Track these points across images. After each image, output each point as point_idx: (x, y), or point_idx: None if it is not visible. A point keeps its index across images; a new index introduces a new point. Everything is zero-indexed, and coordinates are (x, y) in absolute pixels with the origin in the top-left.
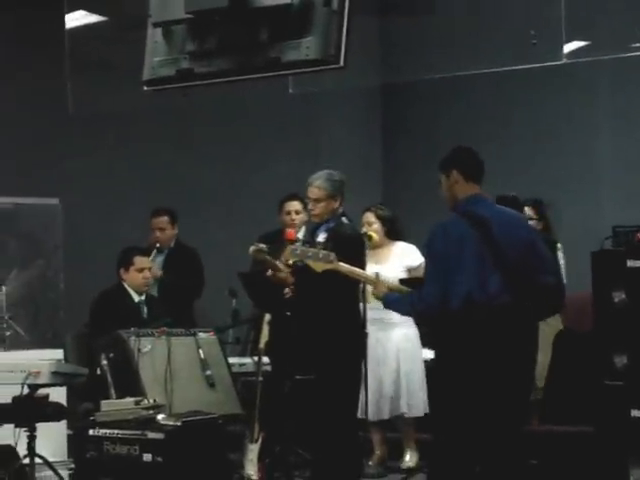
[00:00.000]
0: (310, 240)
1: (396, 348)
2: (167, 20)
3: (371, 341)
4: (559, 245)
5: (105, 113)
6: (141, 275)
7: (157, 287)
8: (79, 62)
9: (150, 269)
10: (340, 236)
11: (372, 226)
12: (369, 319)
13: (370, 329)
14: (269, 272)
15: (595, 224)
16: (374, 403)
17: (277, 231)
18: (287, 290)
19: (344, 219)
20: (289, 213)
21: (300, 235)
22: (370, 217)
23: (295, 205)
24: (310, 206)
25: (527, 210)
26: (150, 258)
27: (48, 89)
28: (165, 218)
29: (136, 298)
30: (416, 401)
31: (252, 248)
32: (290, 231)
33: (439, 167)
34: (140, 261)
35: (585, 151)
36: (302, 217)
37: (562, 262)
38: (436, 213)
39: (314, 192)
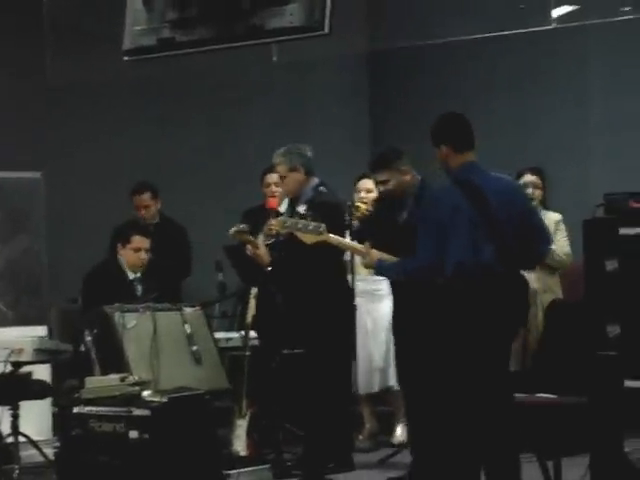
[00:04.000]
0: (290, 213)
1: (386, 320)
2: None
3: (360, 313)
4: (560, 217)
5: (84, 84)
6: (136, 255)
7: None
8: (58, 32)
9: (147, 250)
10: (319, 205)
11: (370, 194)
12: (358, 291)
13: (359, 301)
14: (249, 250)
15: (586, 192)
16: (364, 376)
17: (261, 205)
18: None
19: (322, 188)
20: (269, 185)
21: (282, 208)
22: (369, 184)
23: (274, 177)
24: (279, 184)
25: (530, 177)
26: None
27: (26, 60)
28: (147, 195)
29: (131, 275)
30: None
31: (232, 230)
32: (272, 200)
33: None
34: (138, 240)
35: (575, 118)
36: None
37: (565, 234)
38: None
39: (277, 170)
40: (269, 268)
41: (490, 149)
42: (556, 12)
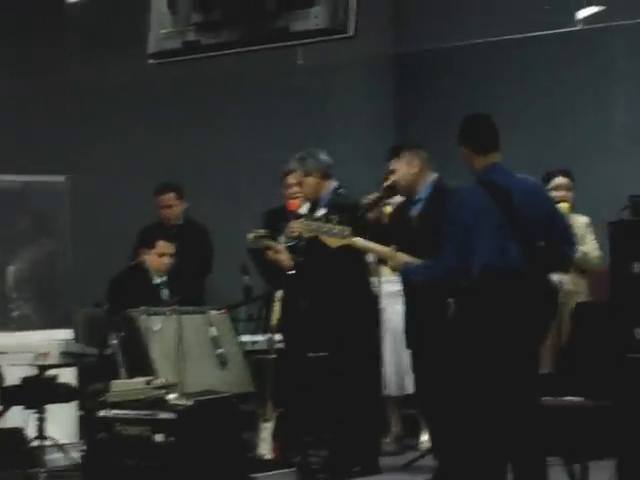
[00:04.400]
0: (311, 216)
1: None
2: None
3: (388, 315)
4: (589, 219)
5: (108, 87)
6: (161, 260)
7: None
8: (84, 35)
9: (171, 255)
10: (339, 207)
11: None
12: (388, 292)
13: (389, 302)
14: (270, 255)
15: (612, 194)
16: (393, 378)
17: (282, 206)
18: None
19: (341, 191)
20: (290, 186)
21: (303, 210)
22: None
23: (296, 177)
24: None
25: (561, 179)
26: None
27: (51, 63)
28: (171, 195)
29: (156, 279)
30: None
31: (251, 235)
32: (292, 202)
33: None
34: (163, 246)
35: (601, 120)
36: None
37: (594, 236)
38: (451, 184)
39: (293, 177)
40: (291, 272)
41: (516, 151)
42: (582, 13)
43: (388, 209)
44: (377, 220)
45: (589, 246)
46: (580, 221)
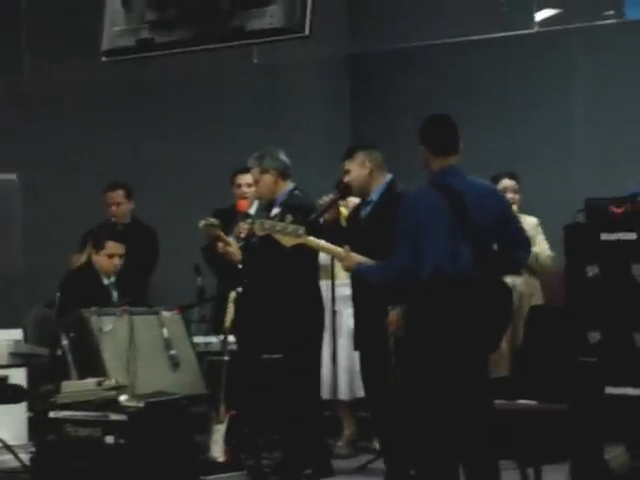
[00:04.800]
0: (260, 215)
1: None
2: None
3: (342, 318)
4: (538, 220)
5: (61, 84)
6: (110, 261)
7: None
8: (34, 32)
9: (120, 256)
10: (293, 207)
11: (250, 188)
12: (342, 296)
13: (342, 306)
14: (220, 246)
15: (567, 197)
16: (347, 382)
17: (231, 206)
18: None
19: (297, 192)
20: (240, 186)
21: (252, 211)
22: (248, 178)
23: (246, 178)
24: (253, 186)
25: (508, 182)
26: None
27: (2, 60)
28: (120, 192)
29: (105, 280)
30: None
31: (202, 222)
32: (242, 202)
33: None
34: (112, 247)
35: (558, 122)
36: (253, 193)
37: (544, 237)
38: (405, 185)
39: (251, 173)
40: (240, 266)
41: (471, 153)
42: (539, 15)
43: (344, 211)
44: (333, 221)
45: (540, 246)
46: (529, 222)
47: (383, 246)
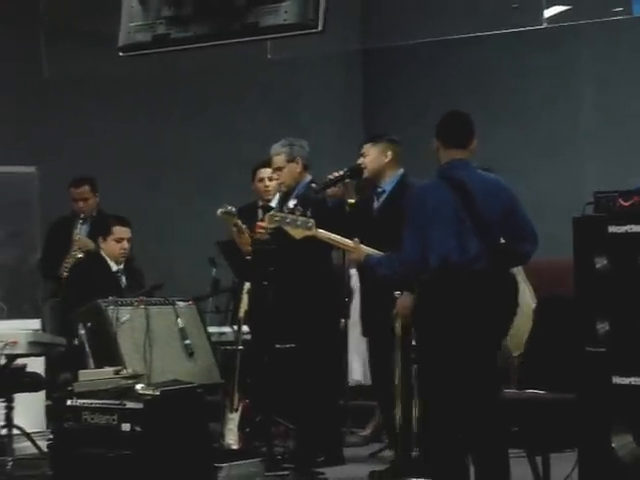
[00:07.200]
0: (281, 208)
1: None
2: None
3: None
4: None
5: (80, 79)
6: (119, 245)
7: None
8: (54, 26)
9: (128, 240)
10: (309, 201)
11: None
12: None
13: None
14: (234, 234)
15: (576, 190)
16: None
17: (253, 203)
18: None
19: (314, 185)
20: (262, 180)
21: (273, 203)
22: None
23: (268, 172)
24: (275, 176)
25: None
26: (76, 230)
27: (22, 55)
28: (86, 187)
29: (114, 267)
30: None
31: (220, 210)
32: (260, 224)
33: None
34: (119, 231)
35: (567, 117)
36: (275, 184)
37: None
38: (416, 180)
39: (275, 161)
40: (248, 257)
41: (483, 146)
42: (548, 12)
43: (351, 201)
44: (336, 197)
45: None
46: None
47: (394, 237)
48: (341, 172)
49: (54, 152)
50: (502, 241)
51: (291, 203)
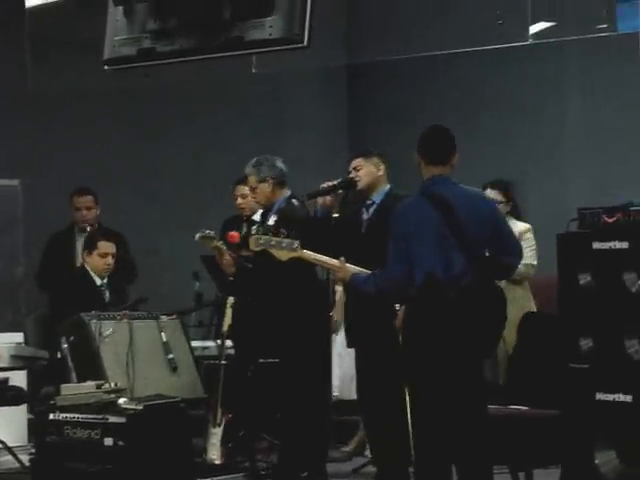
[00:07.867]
0: (261, 225)
1: None
2: None
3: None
4: (527, 227)
5: (65, 93)
6: (103, 260)
7: None
8: (39, 40)
9: (112, 255)
10: (287, 217)
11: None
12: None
13: None
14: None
15: (560, 206)
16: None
17: (239, 216)
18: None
19: (294, 201)
20: (236, 198)
21: (257, 217)
22: (245, 190)
23: (242, 189)
24: (250, 194)
25: (489, 192)
26: (78, 242)
27: (7, 66)
28: (90, 197)
29: (98, 281)
30: None
31: (198, 235)
32: (232, 234)
33: None
34: (104, 246)
35: (551, 133)
36: (251, 202)
37: (530, 244)
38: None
39: (249, 180)
40: (231, 278)
41: (466, 162)
42: (533, 28)
43: (335, 215)
44: (328, 205)
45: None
46: (517, 228)
47: (385, 249)
48: (334, 182)
49: (38, 165)
50: (487, 254)
51: (271, 220)
